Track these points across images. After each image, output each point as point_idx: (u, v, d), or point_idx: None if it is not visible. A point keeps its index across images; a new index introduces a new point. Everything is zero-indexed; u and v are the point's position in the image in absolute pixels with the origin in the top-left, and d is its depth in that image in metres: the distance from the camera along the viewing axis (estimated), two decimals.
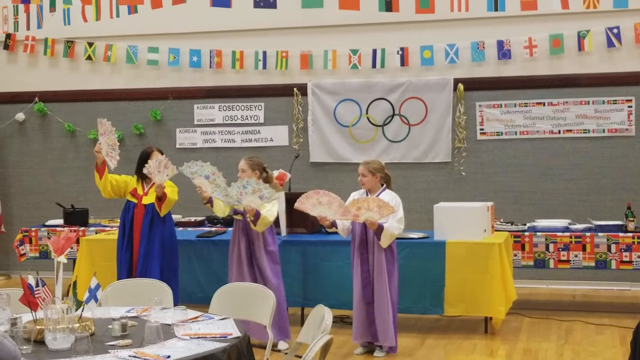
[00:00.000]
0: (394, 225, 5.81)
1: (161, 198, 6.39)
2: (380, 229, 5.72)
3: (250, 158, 6.28)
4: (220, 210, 6.28)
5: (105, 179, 6.47)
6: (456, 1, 6.99)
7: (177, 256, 6.61)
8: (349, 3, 6.88)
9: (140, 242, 6.41)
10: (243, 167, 6.14)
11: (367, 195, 5.99)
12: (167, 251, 6.48)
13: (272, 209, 6.11)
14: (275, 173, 6.88)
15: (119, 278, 6.18)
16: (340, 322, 6.90)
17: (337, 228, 5.94)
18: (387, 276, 5.87)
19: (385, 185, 6.05)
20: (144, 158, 6.49)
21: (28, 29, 8.87)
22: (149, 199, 6.45)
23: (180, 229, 7.58)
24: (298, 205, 5.76)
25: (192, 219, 8.13)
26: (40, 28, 8.64)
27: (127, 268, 6.43)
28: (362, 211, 5.65)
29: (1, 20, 9.21)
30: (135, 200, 6.50)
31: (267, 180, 6.14)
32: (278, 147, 9.14)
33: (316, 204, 5.67)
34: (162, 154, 6.49)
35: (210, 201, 6.21)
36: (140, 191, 6.50)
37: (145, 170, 6.33)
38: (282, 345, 6.17)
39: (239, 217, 6.19)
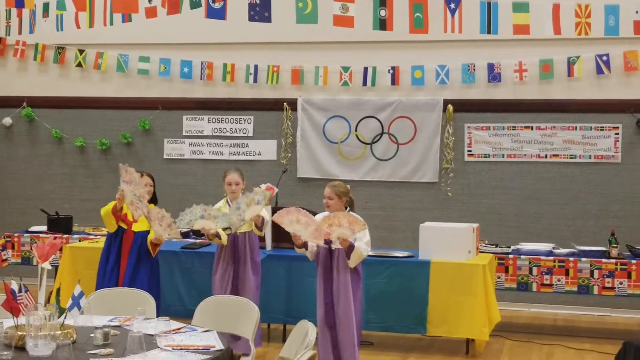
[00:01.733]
0: (362, 246, 5.76)
1: (154, 248, 6.13)
2: (351, 247, 5.67)
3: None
4: (226, 238, 6.25)
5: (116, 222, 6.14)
6: (449, 22, 7.01)
7: (159, 276, 6.34)
8: (343, 20, 6.91)
9: (126, 270, 6.09)
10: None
11: None
12: (152, 277, 6.20)
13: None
14: (263, 187, 6.86)
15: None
16: None
17: (306, 250, 5.90)
18: (352, 298, 5.81)
19: (349, 209, 5.96)
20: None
21: (20, 33, 8.85)
22: (140, 226, 6.10)
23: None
24: (277, 217, 5.74)
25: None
26: (32, 33, 8.60)
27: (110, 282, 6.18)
28: (334, 228, 5.62)
29: None
30: (125, 226, 6.12)
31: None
32: (266, 161, 9.14)
33: (294, 221, 5.63)
34: (152, 179, 6.24)
35: (218, 235, 6.14)
36: (130, 217, 6.09)
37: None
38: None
39: (227, 231, 6.18)
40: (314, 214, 6.99)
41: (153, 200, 6.26)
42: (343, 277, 5.75)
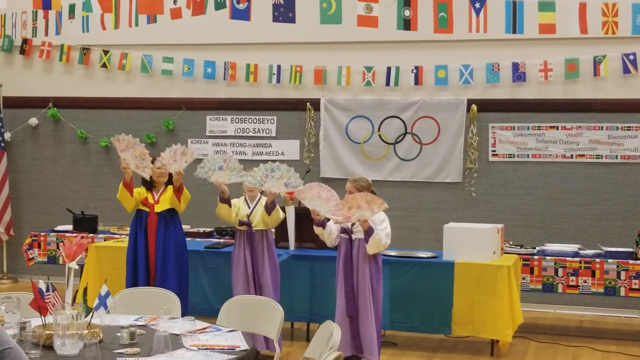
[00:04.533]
0: (382, 235, 5.81)
1: (179, 189, 6.34)
2: (371, 230, 5.73)
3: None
4: (228, 215, 6.21)
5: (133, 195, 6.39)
6: (474, 22, 6.97)
7: (188, 263, 6.59)
8: (367, 20, 6.89)
9: (156, 251, 6.36)
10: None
11: None
12: (181, 259, 6.47)
13: (283, 213, 6.29)
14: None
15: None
16: None
17: (323, 230, 5.93)
18: (370, 291, 5.86)
19: None
20: None
21: (46, 34, 8.92)
22: (161, 206, 6.41)
23: (189, 239, 7.55)
24: (298, 193, 5.81)
25: (201, 229, 8.11)
26: (59, 34, 8.68)
27: (145, 278, 6.34)
28: (353, 210, 5.65)
29: (20, 25, 9.26)
30: (147, 209, 6.42)
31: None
32: (289, 161, 9.08)
33: (315, 196, 5.70)
34: None
35: (228, 201, 6.15)
36: (151, 200, 6.44)
37: (158, 163, 6.29)
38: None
39: (243, 227, 6.18)
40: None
41: (169, 183, 6.44)
42: (362, 268, 5.81)
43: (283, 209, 6.73)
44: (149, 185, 6.48)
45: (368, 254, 5.85)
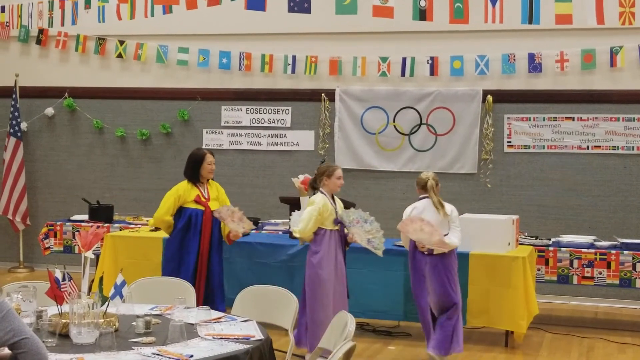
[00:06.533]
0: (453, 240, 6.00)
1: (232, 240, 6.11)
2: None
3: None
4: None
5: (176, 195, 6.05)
6: (490, 12, 6.95)
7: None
8: (382, 11, 6.88)
9: (210, 247, 6.00)
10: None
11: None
12: (222, 253, 6.26)
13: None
14: (301, 177, 6.89)
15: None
16: (360, 329, 6.88)
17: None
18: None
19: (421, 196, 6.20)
20: (198, 161, 6.03)
21: (62, 24, 8.95)
22: (214, 204, 6.03)
23: None
24: (401, 226, 5.91)
25: None
26: (75, 24, 8.72)
27: (194, 274, 5.99)
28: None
29: (36, 15, 9.30)
30: (202, 208, 5.99)
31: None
32: (304, 151, 9.15)
33: (418, 230, 5.83)
34: (213, 156, 6.12)
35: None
36: (203, 197, 6.02)
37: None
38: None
39: (337, 227, 5.93)
40: (353, 205, 7.04)
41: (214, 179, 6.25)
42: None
43: (298, 199, 6.73)
44: (196, 179, 6.06)
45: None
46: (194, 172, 6.04)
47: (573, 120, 8.38)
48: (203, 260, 5.99)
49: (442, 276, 5.90)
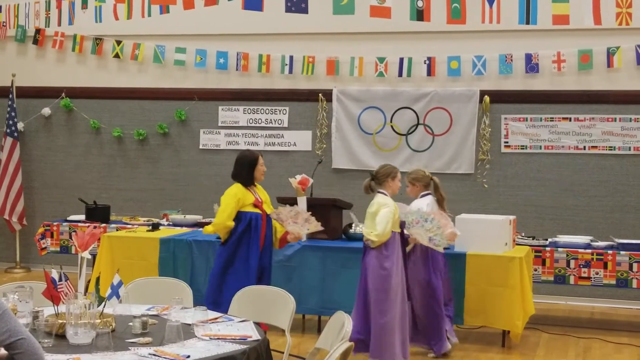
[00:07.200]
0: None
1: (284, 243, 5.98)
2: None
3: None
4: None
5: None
6: (487, 12, 6.95)
7: None
8: (380, 11, 6.87)
9: (263, 253, 5.78)
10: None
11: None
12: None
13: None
14: (298, 178, 6.87)
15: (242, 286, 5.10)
16: None
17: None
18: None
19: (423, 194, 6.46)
20: (252, 164, 5.81)
21: (59, 24, 8.95)
22: (267, 207, 5.86)
23: (202, 229, 7.56)
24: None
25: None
26: (72, 24, 8.71)
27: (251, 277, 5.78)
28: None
29: (33, 15, 9.29)
30: (260, 212, 5.78)
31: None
32: (301, 152, 9.15)
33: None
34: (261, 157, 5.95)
35: None
36: (258, 200, 5.83)
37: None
38: None
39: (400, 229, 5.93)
40: (350, 205, 7.03)
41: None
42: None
43: (295, 200, 6.73)
44: (250, 182, 5.84)
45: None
46: (249, 174, 5.80)
47: (570, 120, 8.39)
48: (262, 263, 5.82)
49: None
